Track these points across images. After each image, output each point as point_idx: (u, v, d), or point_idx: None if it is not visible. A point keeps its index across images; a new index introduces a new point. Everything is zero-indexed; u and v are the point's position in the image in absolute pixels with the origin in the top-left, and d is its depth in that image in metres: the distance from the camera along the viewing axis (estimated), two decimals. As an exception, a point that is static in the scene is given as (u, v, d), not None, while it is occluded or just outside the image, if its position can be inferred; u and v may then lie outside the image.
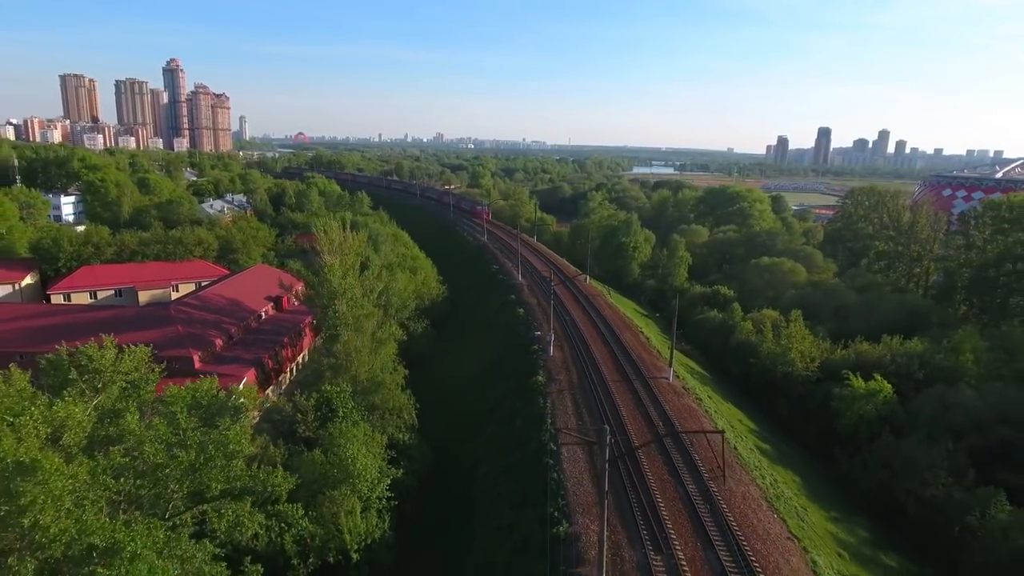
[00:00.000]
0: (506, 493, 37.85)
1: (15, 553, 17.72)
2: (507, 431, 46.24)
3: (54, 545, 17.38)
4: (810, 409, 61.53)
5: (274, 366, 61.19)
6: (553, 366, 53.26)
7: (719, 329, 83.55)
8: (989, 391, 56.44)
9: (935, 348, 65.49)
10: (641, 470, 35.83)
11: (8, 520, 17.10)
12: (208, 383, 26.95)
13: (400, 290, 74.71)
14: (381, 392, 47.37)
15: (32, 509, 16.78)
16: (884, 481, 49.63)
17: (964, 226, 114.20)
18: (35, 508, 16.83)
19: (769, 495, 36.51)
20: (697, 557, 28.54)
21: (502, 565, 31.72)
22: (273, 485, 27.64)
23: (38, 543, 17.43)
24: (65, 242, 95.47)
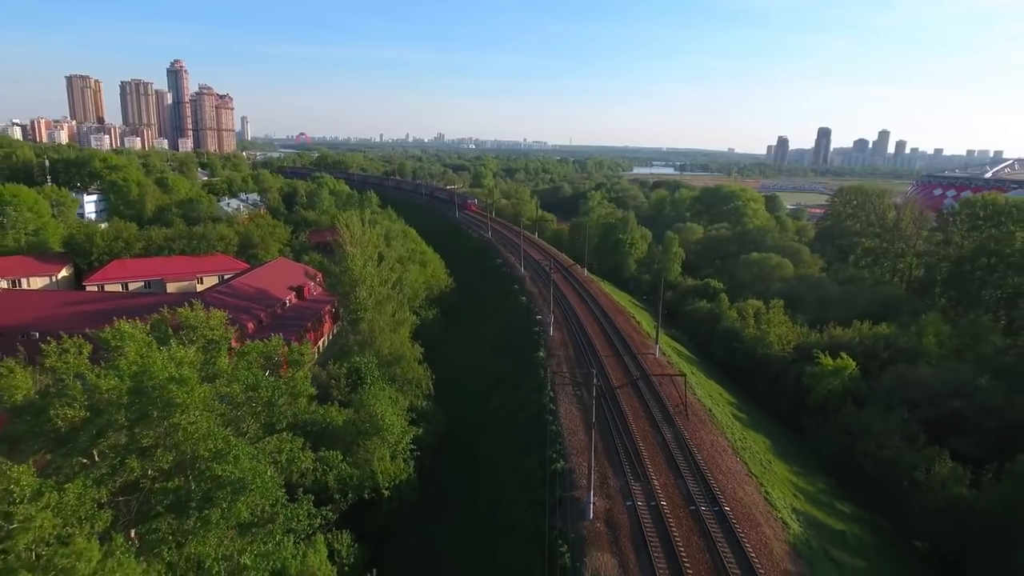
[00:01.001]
0: (512, 445, 44.39)
1: (160, 448, 24.12)
2: (512, 398, 52.78)
3: (187, 443, 23.80)
4: (785, 386, 68.05)
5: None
6: (553, 344, 59.83)
7: (707, 318, 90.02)
8: (945, 369, 63.01)
9: (900, 332, 72.03)
10: (627, 423, 42.35)
11: (161, 420, 23.55)
12: (276, 341, 33.50)
13: (412, 280, 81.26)
14: (402, 364, 53.93)
15: (178, 411, 23.19)
16: (845, 445, 56.10)
17: (943, 223, 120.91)
18: (180, 411, 23.24)
19: (736, 446, 43.01)
20: (669, 484, 35.08)
21: (508, 498, 38.24)
22: (330, 418, 34.06)
23: (176, 440, 23.83)
24: (98, 237, 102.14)
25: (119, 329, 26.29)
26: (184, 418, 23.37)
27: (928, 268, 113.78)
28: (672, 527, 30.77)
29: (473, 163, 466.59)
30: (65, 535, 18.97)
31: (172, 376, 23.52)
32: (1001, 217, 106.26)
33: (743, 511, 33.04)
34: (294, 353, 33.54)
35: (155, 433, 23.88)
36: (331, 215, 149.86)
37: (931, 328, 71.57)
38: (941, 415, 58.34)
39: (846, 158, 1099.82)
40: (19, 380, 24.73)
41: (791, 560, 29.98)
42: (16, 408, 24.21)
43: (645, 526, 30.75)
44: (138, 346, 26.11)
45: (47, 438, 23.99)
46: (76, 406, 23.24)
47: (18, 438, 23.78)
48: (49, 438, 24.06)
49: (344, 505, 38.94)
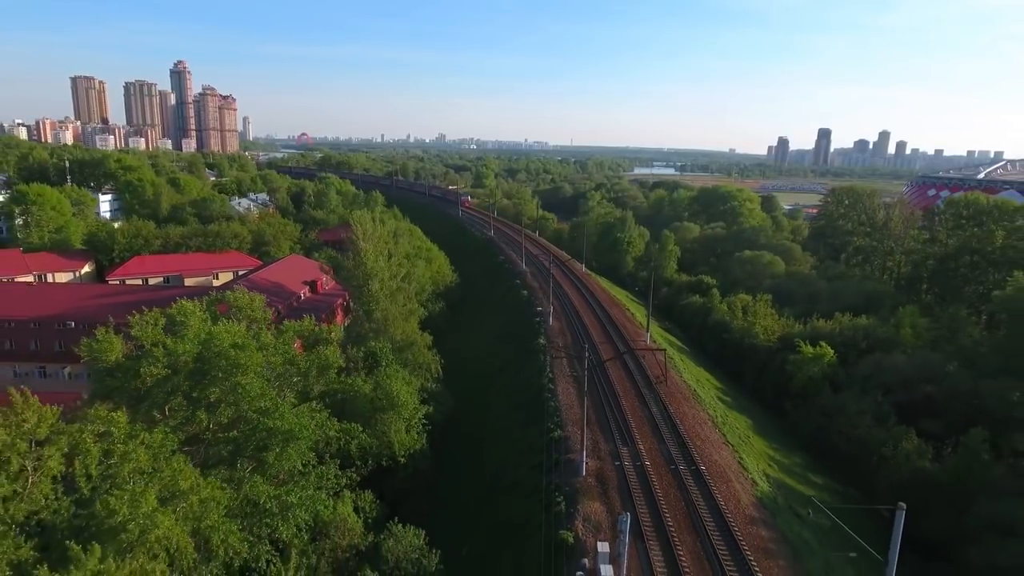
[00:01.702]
0: (514, 420, 49.11)
1: (223, 404, 28.81)
2: (514, 381, 57.48)
3: (244, 401, 28.50)
4: (770, 373, 72.71)
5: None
6: (552, 333, 64.53)
7: (699, 311, 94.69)
8: (918, 357, 67.68)
9: (879, 323, 76.68)
10: (618, 399, 47.03)
11: (224, 379, 28.24)
12: (309, 321, 38.22)
13: (419, 276, 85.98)
14: (413, 350, 58.60)
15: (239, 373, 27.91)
16: (822, 425, 60.78)
17: (929, 222, 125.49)
18: (241, 372, 27.94)
19: (717, 421, 47.69)
20: (653, 448, 39.77)
21: (511, 463, 42.96)
22: (356, 387, 38.77)
23: (236, 397, 28.53)
24: (119, 235, 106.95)
25: (183, 306, 31.02)
26: (244, 379, 28.11)
27: (915, 266, 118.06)
28: (654, 481, 35.46)
29: (475, 163, 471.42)
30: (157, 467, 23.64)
31: (234, 343, 28.28)
32: (983, 216, 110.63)
33: (717, 471, 37.71)
34: (323, 332, 38.27)
35: (220, 390, 28.60)
36: (339, 214, 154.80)
37: (907, 320, 76.23)
38: (913, 399, 62.89)
39: (846, 159, 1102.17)
40: (114, 344, 29.47)
41: (756, 509, 34.64)
42: (109, 368, 28.95)
43: (630, 481, 35.43)
44: (198, 321, 30.86)
45: (130, 394, 28.68)
46: (159, 365, 27.97)
47: (107, 395, 28.46)
48: (132, 394, 28.75)
49: (365, 471, 43.58)
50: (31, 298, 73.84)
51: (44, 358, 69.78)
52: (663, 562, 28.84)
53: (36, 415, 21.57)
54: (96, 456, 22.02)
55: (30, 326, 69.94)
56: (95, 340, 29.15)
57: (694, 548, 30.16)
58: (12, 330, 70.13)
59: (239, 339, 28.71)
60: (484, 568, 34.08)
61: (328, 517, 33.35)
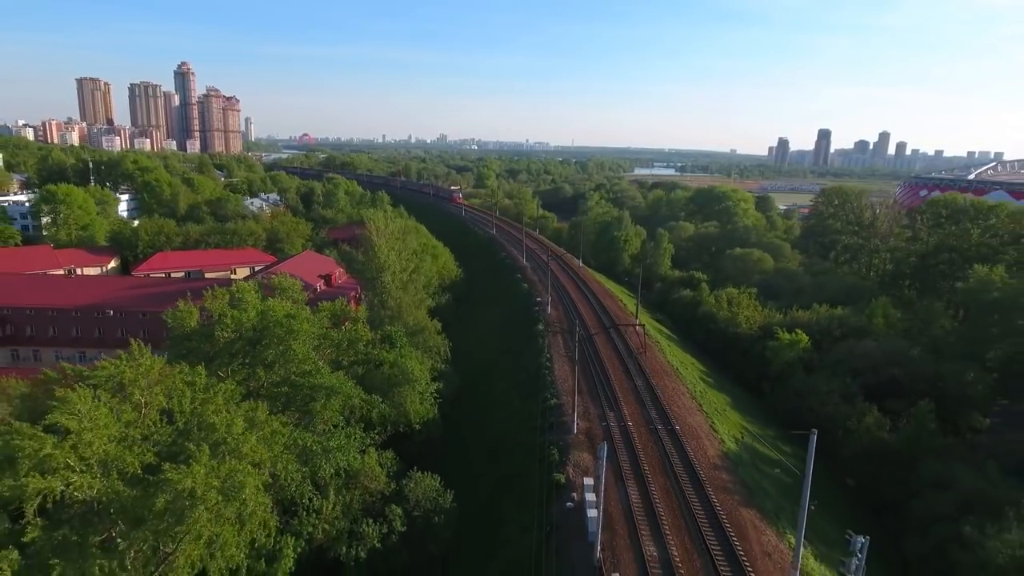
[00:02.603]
0: (515, 394, 55.24)
1: (277, 364, 34.91)
2: (516, 363, 63.62)
3: (294, 363, 34.57)
4: (751, 358, 78.75)
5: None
6: (550, 320, 70.67)
7: (689, 304, 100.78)
8: (885, 343, 73.82)
9: (853, 314, 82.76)
10: (607, 374, 53.17)
11: (279, 343, 34.38)
12: (341, 302, 44.39)
13: (426, 270, 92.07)
14: (424, 335, 64.77)
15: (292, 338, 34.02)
16: (795, 404, 66.83)
17: (912, 221, 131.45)
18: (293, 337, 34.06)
19: (695, 394, 53.81)
20: (636, 413, 45.92)
21: (513, 428, 49.11)
22: (382, 356, 44.93)
23: (287, 359, 34.63)
24: (142, 232, 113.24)
25: (241, 286, 37.25)
26: (295, 343, 34.30)
27: (898, 263, 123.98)
28: (635, 437, 41.59)
29: (476, 164, 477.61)
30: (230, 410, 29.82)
31: (287, 313, 34.46)
32: (960, 216, 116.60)
33: (690, 431, 43.86)
34: (352, 312, 44.47)
35: (274, 352, 34.73)
36: (347, 213, 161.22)
37: (879, 310, 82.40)
38: (880, 380, 69.00)
39: (846, 159, 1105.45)
40: (193, 313, 35.70)
41: (721, 460, 40.76)
42: (187, 333, 35.14)
43: (614, 437, 41.57)
44: (253, 297, 37.10)
45: (203, 355, 34.82)
46: (228, 330, 34.15)
47: (184, 355, 34.61)
48: (204, 355, 34.88)
49: (384, 435, 49.71)
50: (72, 289, 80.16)
51: (84, 344, 75.99)
52: (638, 495, 34.97)
53: (149, 359, 27.65)
54: (188, 396, 28.04)
55: (72, 314, 76.19)
56: (177, 310, 35.30)
57: (664, 485, 36.31)
58: (54, 318, 76.40)
59: (291, 311, 34.87)
60: (490, 507, 40.23)
61: (357, 466, 39.52)
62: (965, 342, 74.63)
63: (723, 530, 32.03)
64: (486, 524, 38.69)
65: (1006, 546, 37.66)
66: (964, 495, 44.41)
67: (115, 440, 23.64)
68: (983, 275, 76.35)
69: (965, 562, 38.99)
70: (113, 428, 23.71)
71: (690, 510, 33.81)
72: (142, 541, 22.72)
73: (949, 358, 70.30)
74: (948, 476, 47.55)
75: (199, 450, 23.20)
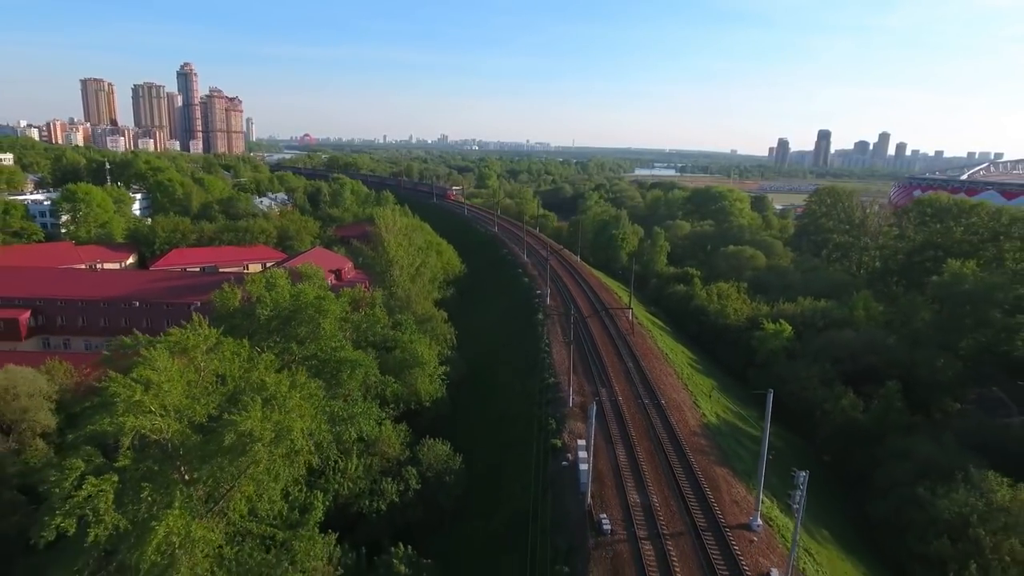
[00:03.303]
0: (516, 376, 60.06)
1: (308, 340, 39.67)
2: (518, 350, 68.43)
3: (323, 339, 39.29)
4: (739, 347, 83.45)
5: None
6: (549, 311, 75.49)
7: (683, 298, 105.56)
8: (864, 333, 78.57)
9: (835, 306, 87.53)
10: (600, 357, 57.98)
11: (311, 320, 39.16)
12: (359, 288, 49.20)
13: (431, 265, 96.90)
14: (432, 323, 69.59)
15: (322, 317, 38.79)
16: (778, 388, 71.25)
17: (899, 219, 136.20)
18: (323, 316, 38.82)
19: (681, 375, 58.63)
20: (625, 390, 50.74)
21: (514, 404, 53.92)
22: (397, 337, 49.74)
23: (317, 335, 39.36)
24: (159, 229, 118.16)
25: (273, 272, 42.08)
26: (324, 321, 39.15)
27: (885, 260, 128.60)
28: (624, 409, 46.40)
29: (477, 164, 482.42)
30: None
31: (318, 295, 39.30)
32: (944, 214, 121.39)
33: (675, 405, 48.67)
34: (369, 298, 49.33)
35: (306, 330, 39.54)
36: (353, 212, 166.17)
37: (861, 303, 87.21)
38: (859, 367, 73.72)
39: (846, 160, 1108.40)
40: (236, 294, 40.54)
41: (700, 429, 45.57)
42: (231, 312, 39.96)
43: (606, 409, 46.36)
44: (285, 282, 41.96)
45: (244, 331, 39.64)
46: (267, 309, 39.00)
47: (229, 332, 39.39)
48: (245, 331, 39.70)
49: (397, 411, 54.55)
50: (98, 282, 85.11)
51: (112, 333, 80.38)
52: (625, 456, 39.78)
53: (206, 329, 32.43)
54: (237, 363, 32.78)
55: (99, 305, 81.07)
56: (223, 291, 40.07)
57: (649, 448, 41.11)
58: (83, 309, 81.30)
59: (320, 293, 39.60)
60: (495, 469, 45.04)
61: (375, 435, 44.37)
62: (940, 332, 79.45)
63: (698, 483, 36.83)
64: (491, 483, 43.51)
65: (953, 504, 42.45)
66: (921, 463, 49.15)
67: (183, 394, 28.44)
68: (956, 269, 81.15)
69: (919, 520, 43.72)
70: (182, 383, 28.51)
71: (670, 467, 38.61)
72: (208, 477, 27.46)
73: (924, 347, 75.11)
74: (909, 448, 52.33)
75: (253, 402, 27.91)
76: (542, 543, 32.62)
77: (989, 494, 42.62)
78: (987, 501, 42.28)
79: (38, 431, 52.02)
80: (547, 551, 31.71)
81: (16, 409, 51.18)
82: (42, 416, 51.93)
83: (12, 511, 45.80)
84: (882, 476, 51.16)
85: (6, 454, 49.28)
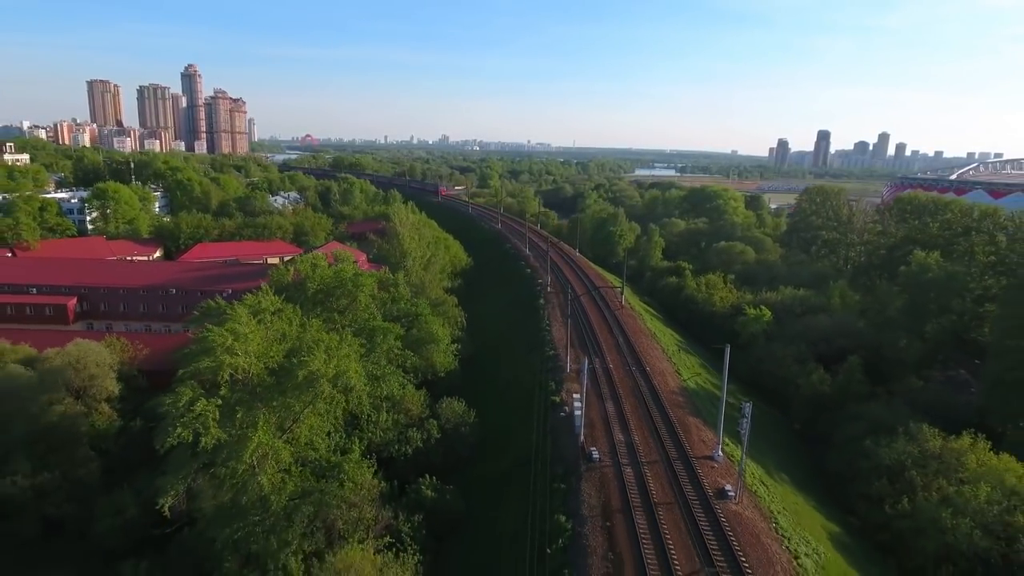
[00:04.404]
0: (520, 353, 67.68)
1: (348, 310, 47.18)
2: (521, 330, 76.04)
3: (360, 309, 46.78)
4: (724, 332, 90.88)
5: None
6: (548, 296, 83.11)
7: (675, 289, 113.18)
8: (836, 318, 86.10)
9: (814, 295, 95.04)
10: (595, 335, 65.55)
11: (350, 294, 46.74)
12: (384, 271, 56.80)
13: (440, 258, 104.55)
14: (444, 307, 77.18)
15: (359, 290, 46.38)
16: (757, 367, 79.07)
17: (881, 216, 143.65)
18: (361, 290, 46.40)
19: (667, 352, 66.15)
20: (616, 360, 58.35)
21: (518, 373, 61.52)
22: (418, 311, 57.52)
23: (354, 307, 46.91)
24: (184, 225, 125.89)
25: (315, 256, 49.74)
26: (360, 295, 46.78)
27: (869, 254, 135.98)
28: (613, 374, 53.98)
29: (479, 165, 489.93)
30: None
31: (356, 272, 46.91)
32: (921, 211, 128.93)
33: (658, 372, 56.24)
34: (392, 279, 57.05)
35: (346, 301, 47.13)
36: (362, 210, 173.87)
37: (837, 292, 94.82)
38: (832, 348, 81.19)
39: (846, 160, 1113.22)
40: (289, 272, 48.21)
41: (679, 390, 53.15)
42: (285, 286, 47.64)
43: (598, 373, 53.94)
44: (324, 262, 49.62)
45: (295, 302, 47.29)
46: (315, 283, 46.66)
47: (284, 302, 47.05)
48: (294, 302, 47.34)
49: (417, 380, 62.15)
50: (137, 272, 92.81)
51: (149, 318, 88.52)
52: (613, 408, 47.35)
53: (272, 296, 39.97)
54: (295, 325, 40.28)
55: (139, 293, 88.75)
56: (277, 269, 47.49)
57: (633, 403, 48.67)
58: (124, 296, 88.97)
59: (356, 271, 47.11)
60: (503, 423, 52.64)
61: (400, 395, 51.98)
62: (907, 317, 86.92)
63: (673, 428, 44.39)
64: (500, 435, 51.10)
65: (892, 452, 49.94)
66: (871, 423, 56.63)
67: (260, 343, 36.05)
68: (922, 260, 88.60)
69: (865, 467, 51.17)
70: (258, 336, 36.06)
71: (651, 417, 46.18)
72: (281, 408, 35.00)
73: (891, 330, 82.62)
74: (863, 412, 59.82)
75: (316, 348, 35.48)
76: (543, 472, 40.18)
77: (923, 444, 50.07)
78: (921, 450, 49.72)
79: (103, 397, 59.74)
80: (547, 477, 39.27)
81: (85, 377, 58.85)
82: (108, 383, 59.61)
83: (86, 462, 53.76)
84: (839, 435, 58.66)
85: (78, 415, 57.04)
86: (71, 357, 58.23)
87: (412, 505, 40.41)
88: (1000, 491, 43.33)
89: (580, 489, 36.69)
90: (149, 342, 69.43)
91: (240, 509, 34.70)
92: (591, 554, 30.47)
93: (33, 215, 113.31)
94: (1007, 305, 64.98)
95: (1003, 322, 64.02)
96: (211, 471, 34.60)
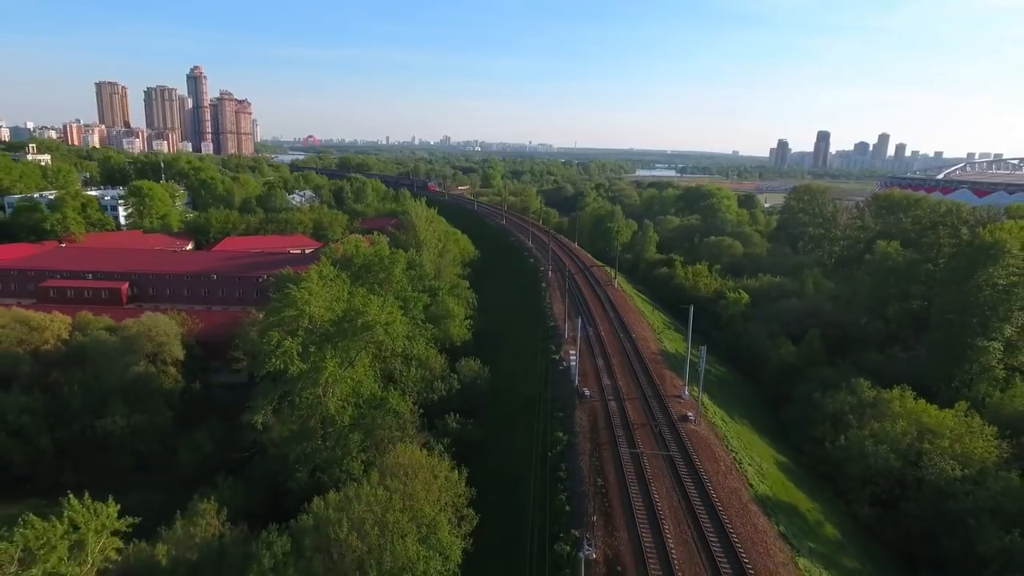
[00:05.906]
0: (525, 327, 78.02)
1: (383, 283, 57.47)
2: (526, 309, 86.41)
3: (395, 281, 57.15)
4: (707, 315, 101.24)
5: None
6: (550, 282, 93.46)
7: (666, 278, 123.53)
8: (807, 301, 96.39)
9: (789, 281, 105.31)
10: (590, 310, 75.86)
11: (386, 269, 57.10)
12: (412, 251, 67.12)
13: (450, 249, 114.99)
14: (458, 289, 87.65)
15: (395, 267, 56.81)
16: (735, 342, 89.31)
17: (860, 212, 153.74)
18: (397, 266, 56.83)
19: (656, 329, 76.47)
20: (607, 328, 68.77)
21: (524, 342, 71.89)
22: (439, 286, 68.04)
23: (391, 280, 57.29)
24: (213, 220, 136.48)
25: (354, 237, 60.07)
26: (395, 270, 57.22)
27: (849, 248, 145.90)
28: (604, 340, 64.30)
29: (481, 165, 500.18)
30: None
31: (390, 251, 57.39)
32: (896, 208, 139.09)
33: (643, 340, 66.54)
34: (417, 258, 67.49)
35: (384, 275, 57.51)
36: (374, 207, 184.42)
37: (809, 279, 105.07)
38: (803, 328, 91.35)
39: (845, 160, 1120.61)
40: (339, 248, 58.62)
41: (660, 354, 63.44)
42: (336, 260, 58.13)
43: (591, 338, 64.26)
44: (362, 245, 60.05)
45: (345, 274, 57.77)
46: (361, 258, 57.17)
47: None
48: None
49: (437, 349, 72.48)
50: (181, 261, 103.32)
51: (193, 301, 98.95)
52: (603, 363, 57.65)
53: (331, 268, 50.35)
54: (345, 291, 50.56)
55: (183, 279, 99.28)
56: (329, 246, 57.73)
57: (620, 360, 59.00)
58: (170, 281, 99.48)
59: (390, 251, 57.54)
60: (511, 378, 62.96)
61: (424, 355, 62.36)
62: (872, 301, 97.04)
63: (650, 377, 54.68)
64: (509, 386, 61.43)
65: (834, 402, 60.15)
66: (822, 381, 66.83)
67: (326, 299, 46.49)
68: (884, 249, 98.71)
69: (814, 416, 61.36)
70: (324, 294, 46.46)
71: (633, 369, 56.50)
72: (344, 349, 45.36)
73: (854, 312, 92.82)
74: (816, 372, 70.08)
75: (370, 303, 45.86)
76: (545, 408, 50.48)
77: (860, 395, 60.25)
78: (859, 399, 59.90)
79: (171, 360, 70.22)
80: (548, 410, 49.58)
81: (156, 343, 69.31)
82: (174, 349, 70.11)
83: (163, 411, 64.20)
84: (796, 392, 68.92)
85: (151, 375, 67.49)
86: (145, 326, 68.70)
87: (440, 433, 50.77)
88: (916, 428, 53.46)
89: (574, 416, 46.97)
90: (203, 317, 79.87)
91: (309, 431, 45.13)
92: (581, 453, 40.76)
93: (78, 211, 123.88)
94: (944, 284, 75.15)
95: (940, 298, 74.22)
96: (288, 399, 44.98)
